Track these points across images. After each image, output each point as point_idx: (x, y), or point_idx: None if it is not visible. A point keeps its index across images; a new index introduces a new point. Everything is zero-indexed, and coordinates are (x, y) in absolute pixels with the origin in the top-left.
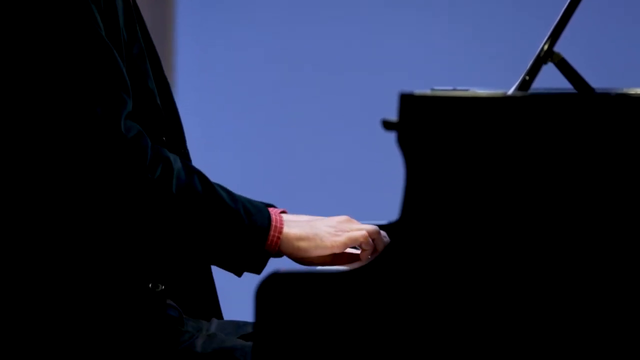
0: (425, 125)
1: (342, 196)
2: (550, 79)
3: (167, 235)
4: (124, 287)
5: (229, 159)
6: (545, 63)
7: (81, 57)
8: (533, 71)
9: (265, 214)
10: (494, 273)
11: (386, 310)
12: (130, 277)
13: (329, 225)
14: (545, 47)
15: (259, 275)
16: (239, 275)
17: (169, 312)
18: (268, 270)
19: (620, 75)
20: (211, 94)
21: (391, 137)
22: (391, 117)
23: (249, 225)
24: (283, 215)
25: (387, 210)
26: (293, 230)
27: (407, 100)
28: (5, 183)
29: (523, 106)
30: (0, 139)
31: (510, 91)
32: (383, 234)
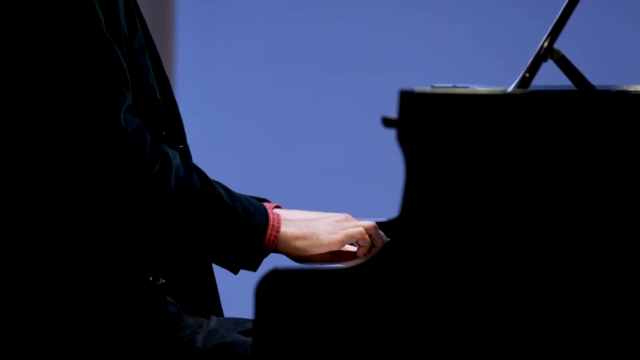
0: (425, 123)
1: (342, 193)
2: (550, 77)
3: (165, 230)
4: (124, 280)
5: (228, 157)
6: (545, 60)
7: (81, 50)
8: (533, 68)
9: (263, 213)
10: (494, 270)
11: (386, 307)
12: (131, 270)
13: (327, 224)
14: (545, 44)
15: (254, 272)
16: (235, 272)
17: (168, 308)
18: (266, 267)
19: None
20: (211, 92)
21: (391, 134)
22: (391, 114)
23: (246, 223)
24: (281, 213)
25: (387, 207)
26: (290, 229)
27: (407, 98)
28: (4, 175)
29: (523, 103)
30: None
31: (510, 88)
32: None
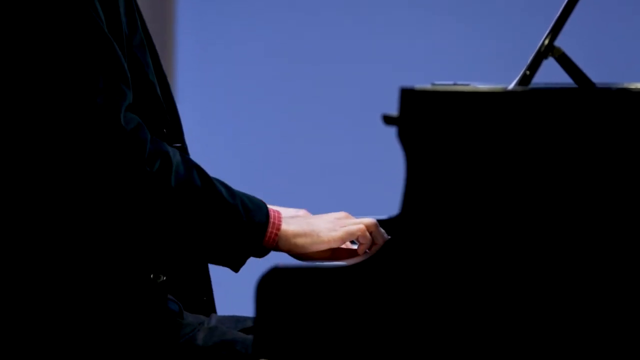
0: (425, 120)
1: (342, 191)
2: (551, 74)
3: (165, 228)
4: (125, 277)
5: (228, 157)
6: (546, 58)
7: (82, 49)
8: (534, 66)
9: (264, 211)
10: (494, 267)
11: (386, 305)
12: (131, 268)
13: (327, 221)
14: (546, 41)
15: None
16: (236, 270)
17: (169, 305)
18: (267, 264)
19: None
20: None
21: (392, 132)
22: (392, 112)
23: (247, 221)
24: (282, 210)
25: (388, 205)
26: (291, 227)
27: (408, 95)
28: (4, 173)
29: (524, 101)
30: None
31: (510, 86)
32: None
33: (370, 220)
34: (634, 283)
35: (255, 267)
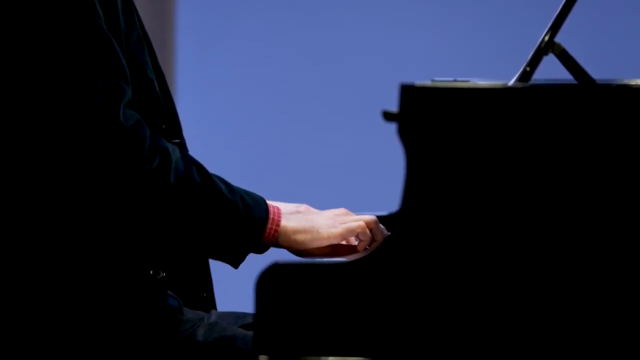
0: (425, 116)
1: (342, 187)
2: (551, 70)
3: (165, 224)
4: (125, 274)
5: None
6: (546, 54)
7: (81, 47)
8: (534, 62)
9: (264, 207)
10: (493, 265)
11: (386, 302)
12: (131, 264)
13: (327, 217)
14: (546, 38)
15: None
16: (236, 267)
17: (169, 301)
18: (267, 260)
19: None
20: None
21: (392, 128)
22: (392, 108)
23: (246, 217)
24: (282, 206)
25: (388, 201)
26: (290, 223)
27: (408, 91)
28: (3, 171)
29: (524, 97)
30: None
31: (510, 82)
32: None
33: (370, 216)
34: (633, 282)
35: (255, 263)
